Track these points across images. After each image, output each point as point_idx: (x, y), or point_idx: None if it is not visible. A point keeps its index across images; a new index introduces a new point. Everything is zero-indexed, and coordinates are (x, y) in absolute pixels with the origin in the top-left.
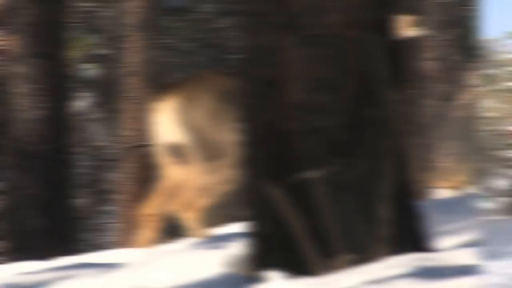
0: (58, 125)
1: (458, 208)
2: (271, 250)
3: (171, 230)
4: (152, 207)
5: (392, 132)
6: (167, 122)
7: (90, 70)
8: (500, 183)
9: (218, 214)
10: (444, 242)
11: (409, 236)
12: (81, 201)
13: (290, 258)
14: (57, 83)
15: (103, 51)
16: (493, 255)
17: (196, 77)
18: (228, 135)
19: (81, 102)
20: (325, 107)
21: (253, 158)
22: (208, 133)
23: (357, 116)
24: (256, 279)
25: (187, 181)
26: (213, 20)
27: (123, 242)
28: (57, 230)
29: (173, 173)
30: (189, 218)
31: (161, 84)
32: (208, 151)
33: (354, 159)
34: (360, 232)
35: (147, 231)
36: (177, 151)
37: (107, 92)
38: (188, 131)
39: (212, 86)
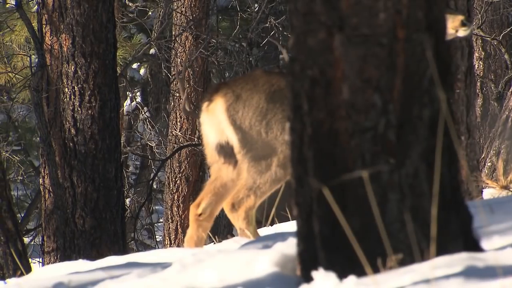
0: (107, 125)
1: (508, 207)
2: (320, 250)
3: (221, 230)
4: (202, 207)
5: (442, 131)
6: (216, 122)
7: (139, 70)
8: None
9: (267, 213)
10: (493, 241)
11: (459, 235)
12: (130, 200)
13: (339, 257)
14: (106, 83)
15: (152, 51)
16: None
17: (245, 77)
18: (278, 135)
19: (130, 102)
20: (374, 106)
21: (302, 158)
22: (258, 132)
23: (406, 116)
24: (306, 279)
25: (236, 181)
26: (261, 20)
27: (172, 241)
28: (106, 229)
29: (223, 172)
30: (238, 217)
31: (210, 84)
32: (257, 150)
33: (403, 159)
34: (410, 231)
35: (196, 231)
36: (226, 151)
37: (156, 91)
38: (238, 131)
39: (261, 85)
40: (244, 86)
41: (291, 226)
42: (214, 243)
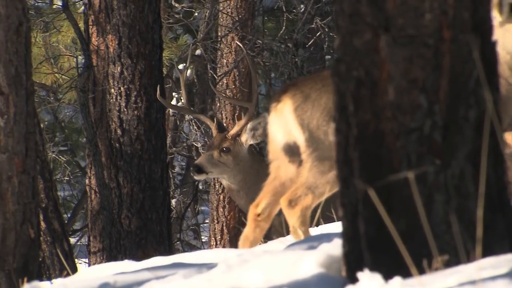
0: (153, 125)
1: None
2: (366, 251)
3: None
4: (261, 207)
5: (488, 132)
6: (284, 122)
7: (185, 70)
8: None
9: (313, 214)
10: None
11: (505, 237)
12: (175, 201)
13: (384, 258)
14: (152, 84)
15: (198, 52)
16: None
17: (314, 76)
18: None
19: (176, 102)
20: (420, 107)
21: (347, 159)
22: (325, 133)
23: (452, 117)
24: (351, 280)
25: (295, 179)
26: (307, 20)
27: (217, 242)
28: (152, 230)
29: (281, 171)
30: (293, 215)
31: (284, 83)
32: (322, 151)
33: (449, 160)
34: (455, 232)
35: (253, 231)
36: (293, 151)
37: (202, 92)
38: (305, 130)
39: (330, 85)
40: (314, 86)
41: (336, 227)
42: (260, 244)
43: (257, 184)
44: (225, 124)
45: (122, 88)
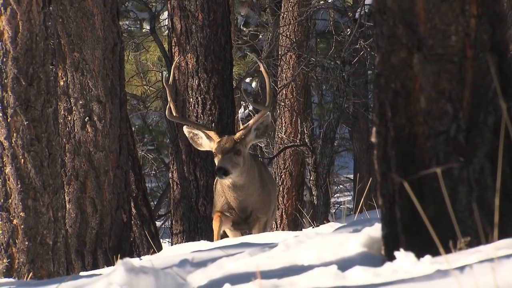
0: (224, 129)
1: None
2: (401, 233)
3: (318, 216)
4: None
5: (504, 135)
6: None
7: (251, 83)
8: None
9: (357, 203)
10: None
11: None
12: None
13: (417, 240)
14: (223, 94)
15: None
16: None
17: None
18: None
19: (244, 110)
20: (447, 114)
21: (386, 157)
22: None
23: (473, 122)
24: (389, 258)
25: None
26: (353, 42)
27: (277, 225)
28: None
29: None
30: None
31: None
32: None
33: (471, 158)
34: (476, 218)
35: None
36: None
37: (265, 101)
38: None
39: None
40: None
41: (377, 213)
42: (313, 227)
43: (255, 178)
44: (284, 128)
45: (199, 98)
